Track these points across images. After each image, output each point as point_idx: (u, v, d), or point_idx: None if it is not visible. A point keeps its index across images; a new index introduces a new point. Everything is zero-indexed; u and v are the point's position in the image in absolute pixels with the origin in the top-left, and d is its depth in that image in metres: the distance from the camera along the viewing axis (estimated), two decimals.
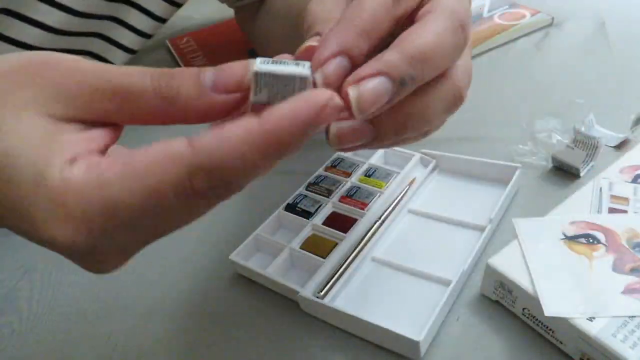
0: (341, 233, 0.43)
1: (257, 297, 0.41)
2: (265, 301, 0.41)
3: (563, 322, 0.34)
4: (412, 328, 0.35)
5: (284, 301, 0.40)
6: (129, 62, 0.62)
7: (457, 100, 0.30)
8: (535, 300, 0.35)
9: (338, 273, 0.40)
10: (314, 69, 0.25)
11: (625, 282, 0.35)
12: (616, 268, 0.36)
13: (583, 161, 0.46)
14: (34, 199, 0.23)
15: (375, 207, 0.45)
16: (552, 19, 0.69)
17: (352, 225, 0.43)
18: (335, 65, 0.25)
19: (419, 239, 0.44)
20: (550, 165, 0.48)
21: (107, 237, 0.24)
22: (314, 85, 0.24)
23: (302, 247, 0.42)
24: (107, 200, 0.22)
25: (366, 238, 0.43)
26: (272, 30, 0.57)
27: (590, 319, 0.33)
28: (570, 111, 0.49)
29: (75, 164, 0.23)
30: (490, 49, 0.67)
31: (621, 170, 0.44)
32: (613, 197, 0.42)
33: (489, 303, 0.39)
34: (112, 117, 0.25)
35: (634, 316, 0.33)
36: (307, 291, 0.39)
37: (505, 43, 0.67)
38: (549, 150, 0.48)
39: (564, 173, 0.47)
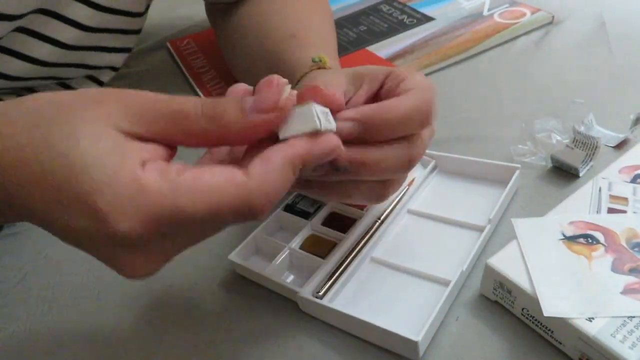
0: (340, 233, 0.43)
1: (256, 298, 0.41)
2: (264, 301, 0.41)
3: (562, 322, 0.34)
4: (411, 328, 0.35)
5: (283, 301, 0.40)
6: (127, 60, 0.62)
7: (409, 163, 0.35)
8: (534, 301, 0.35)
9: (337, 273, 0.40)
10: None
11: (625, 282, 0.35)
12: (615, 268, 0.36)
13: (582, 161, 0.46)
14: (106, 192, 0.25)
15: (375, 207, 0.45)
16: (553, 17, 0.69)
17: (351, 226, 0.43)
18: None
19: (418, 239, 0.44)
20: (549, 165, 0.48)
21: (164, 238, 0.27)
22: None
23: (301, 248, 0.42)
24: (176, 204, 0.26)
25: (365, 238, 0.43)
26: (240, 49, 0.57)
27: (590, 319, 0.33)
28: (569, 111, 0.49)
29: (146, 167, 0.26)
30: (490, 48, 0.66)
31: (620, 170, 0.44)
32: (612, 197, 0.42)
33: (488, 303, 0.39)
34: (168, 135, 0.28)
35: (633, 316, 0.33)
36: (306, 291, 0.39)
37: (505, 42, 0.67)
38: (548, 150, 0.48)
39: (564, 173, 0.47)
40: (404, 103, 0.33)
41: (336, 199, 0.42)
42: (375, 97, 0.36)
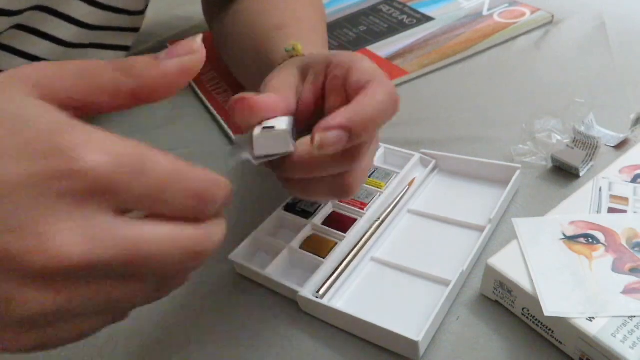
0: (341, 233, 0.43)
1: (257, 297, 0.41)
2: (264, 301, 0.41)
3: (563, 322, 0.34)
4: (411, 328, 0.35)
5: (284, 301, 0.40)
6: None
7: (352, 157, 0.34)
8: (534, 300, 0.35)
9: (337, 273, 0.40)
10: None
11: (625, 282, 0.35)
12: (616, 268, 0.36)
13: (583, 161, 0.46)
14: (67, 128, 0.22)
15: (375, 207, 0.45)
16: (552, 16, 0.69)
17: (351, 225, 0.43)
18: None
19: (418, 239, 0.44)
20: (550, 165, 0.48)
21: (119, 195, 0.22)
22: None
23: (301, 247, 0.42)
24: (141, 157, 0.23)
25: (365, 238, 0.43)
26: (232, 44, 0.57)
27: (590, 319, 0.33)
28: (570, 111, 0.49)
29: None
30: (490, 48, 0.66)
31: (621, 170, 0.44)
32: (613, 197, 0.42)
33: (488, 303, 0.39)
34: (81, 94, 0.25)
35: (634, 316, 0.33)
36: (306, 291, 0.39)
37: (505, 41, 0.67)
38: (548, 150, 0.48)
39: (564, 173, 0.47)
40: (375, 98, 0.32)
41: (299, 195, 0.40)
42: (323, 88, 0.36)
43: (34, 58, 0.52)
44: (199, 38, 0.28)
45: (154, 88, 0.26)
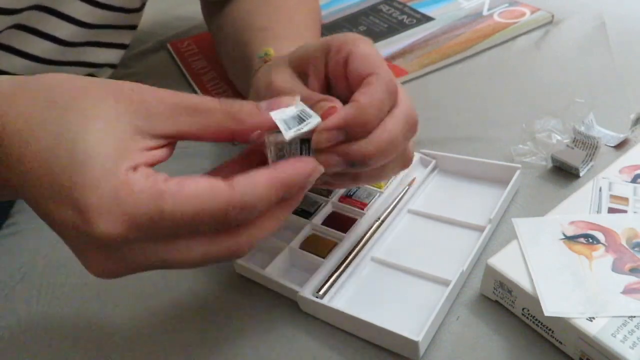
0: (341, 233, 0.43)
1: (257, 297, 0.41)
2: (264, 301, 0.41)
3: (563, 322, 0.34)
4: (411, 328, 0.35)
5: (284, 301, 0.40)
6: (124, 59, 0.62)
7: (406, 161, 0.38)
8: (534, 300, 0.35)
9: (337, 273, 0.40)
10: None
11: (625, 282, 0.35)
12: (616, 268, 0.36)
13: (583, 161, 0.46)
14: (95, 191, 0.26)
15: (375, 207, 0.45)
16: (552, 16, 0.69)
17: (351, 225, 0.43)
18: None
19: (418, 239, 0.44)
20: (550, 165, 0.48)
21: (141, 240, 0.28)
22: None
23: (301, 247, 0.42)
24: (158, 207, 0.27)
25: (366, 238, 0.43)
26: (225, 45, 0.58)
27: (590, 319, 0.33)
28: (570, 111, 0.49)
29: (138, 171, 0.28)
30: (490, 48, 0.66)
31: (621, 170, 0.44)
32: (613, 197, 0.42)
33: (488, 303, 0.39)
34: (186, 128, 0.29)
35: (634, 316, 0.33)
36: (306, 291, 0.39)
37: (505, 41, 0.67)
38: (548, 150, 0.48)
39: (564, 173, 0.47)
40: (375, 95, 0.33)
41: (345, 187, 0.45)
42: (326, 76, 0.37)
43: (33, 57, 0.52)
44: (298, 98, 0.32)
45: (247, 133, 0.31)
